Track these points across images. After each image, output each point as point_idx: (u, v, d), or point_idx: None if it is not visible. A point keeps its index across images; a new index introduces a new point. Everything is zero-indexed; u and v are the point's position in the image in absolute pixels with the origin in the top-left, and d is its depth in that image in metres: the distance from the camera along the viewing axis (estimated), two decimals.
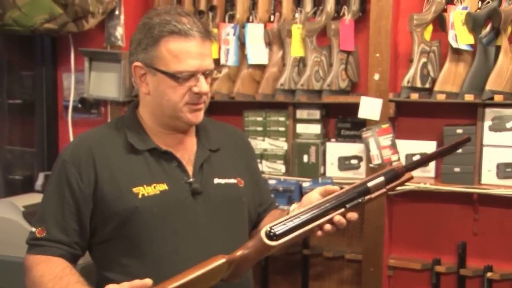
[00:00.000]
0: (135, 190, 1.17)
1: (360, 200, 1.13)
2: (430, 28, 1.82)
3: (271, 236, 1.07)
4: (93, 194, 1.18)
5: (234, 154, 1.34)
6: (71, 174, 1.18)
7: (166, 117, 1.22)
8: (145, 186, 1.18)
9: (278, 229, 1.07)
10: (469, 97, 1.73)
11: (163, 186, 1.19)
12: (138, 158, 1.21)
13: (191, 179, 1.22)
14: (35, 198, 1.97)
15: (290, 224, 1.08)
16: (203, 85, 1.17)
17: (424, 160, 1.26)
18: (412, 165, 1.19)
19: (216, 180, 1.26)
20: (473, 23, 1.72)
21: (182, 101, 1.18)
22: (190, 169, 1.24)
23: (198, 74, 1.17)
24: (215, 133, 1.34)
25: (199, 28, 1.17)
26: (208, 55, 1.19)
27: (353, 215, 1.13)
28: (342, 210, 1.11)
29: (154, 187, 1.18)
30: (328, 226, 1.12)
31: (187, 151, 1.26)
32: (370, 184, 1.13)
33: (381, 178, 1.14)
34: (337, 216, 1.11)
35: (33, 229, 1.20)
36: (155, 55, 1.16)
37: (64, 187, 1.18)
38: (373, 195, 1.14)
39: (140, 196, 1.17)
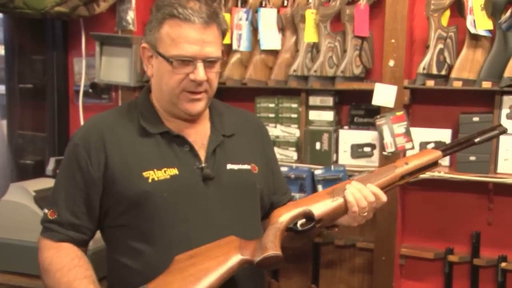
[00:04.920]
0: (145, 174, 1.16)
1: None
2: (447, 13, 1.78)
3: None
4: (103, 178, 1.17)
5: (249, 140, 1.32)
6: (81, 157, 1.18)
7: (166, 103, 1.21)
8: (155, 170, 1.17)
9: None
10: (486, 84, 1.70)
11: (174, 171, 1.18)
12: (149, 141, 1.20)
13: (203, 164, 1.21)
14: (46, 183, 1.97)
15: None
16: (199, 72, 1.14)
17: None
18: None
19: (229, 166, 1.24)
20: (493, 8, 1.68)
21: (179, 88, 1.16)
22: (202, 154, 1.23)
23: (197, 61, 1.14)
24: (230, 118, 1.32)
25: (203, 13, 1.13)
26: (210, 42, 1.15)
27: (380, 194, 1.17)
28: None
29: (165, 171, 1.17)
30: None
31: (200, 136, 1.25)
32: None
33: None
34: (353, 182, 1.17)
35: (46, 210, 1.21)
36: (158, 37, 1.16)
37: (75, 170, 1.18)
38: None
39: (150, 180, 1.16)
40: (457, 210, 1.93)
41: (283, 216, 1.12)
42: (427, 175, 1.78)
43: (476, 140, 1.23)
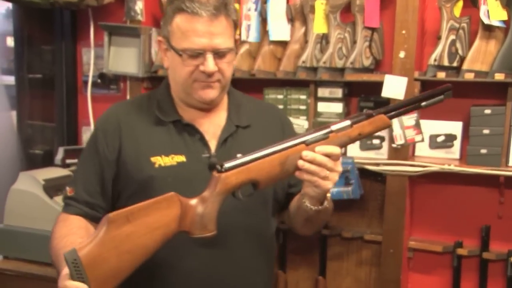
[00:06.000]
0: (152, 159, 1.21)
1: (322, 136, 1.12)
2: (460, 3, 1.75)
3: (219, 170, 1.07)
4: (116, 161, 1.24)
5: (266, 132, 1.31)
6: (99, 141, 1.26)
7: (181, 93, 1.25)
8: (163, 156, 1.21)
9: (229, 163, 1.08)
10: (499, 76, 1.67)
11: (181, 158, 1.22)
12: (162, 129, 1.25)
13: (212, 153, 1.22)
14: (55, 172, 1.98)
15: (241, 159, 1.09)
16: (209, 64, 1.17)
17: (400, 106, 1.20)
18: (386, 110, 1.18)
19: (240, 156, 1.24)
20: None
21: (191, 78, 1.20)
22: (213, 143, 1.24)
23: (206, 53, 1.16)
24: (248, 109, 1.32)
25: (209, 6, 1.15)
26: (219, 34, 1.17)
27: (331, 150, 1.11)
28: (302, 145, 1.11)
29: (172, 158, 1.21)
30: (302, 162, 1.10)
31: (214, 126, 1.26)
32: (334, 127, 1.14)
33: (347, 122, 1.15)
34: (305, 152, 1.10)
35: (67, 188, 1.29)
36: (170, 30, 1.20)
37: (93, 152, 1.26)
38: (337, 133, 1.14)
39: (156, 165, 1.21)
40: (467, 203, 1.91)
41: (229, 186, 1.08)
42: (436, 167, 1.77)
43: (423, 104, 1.21)
